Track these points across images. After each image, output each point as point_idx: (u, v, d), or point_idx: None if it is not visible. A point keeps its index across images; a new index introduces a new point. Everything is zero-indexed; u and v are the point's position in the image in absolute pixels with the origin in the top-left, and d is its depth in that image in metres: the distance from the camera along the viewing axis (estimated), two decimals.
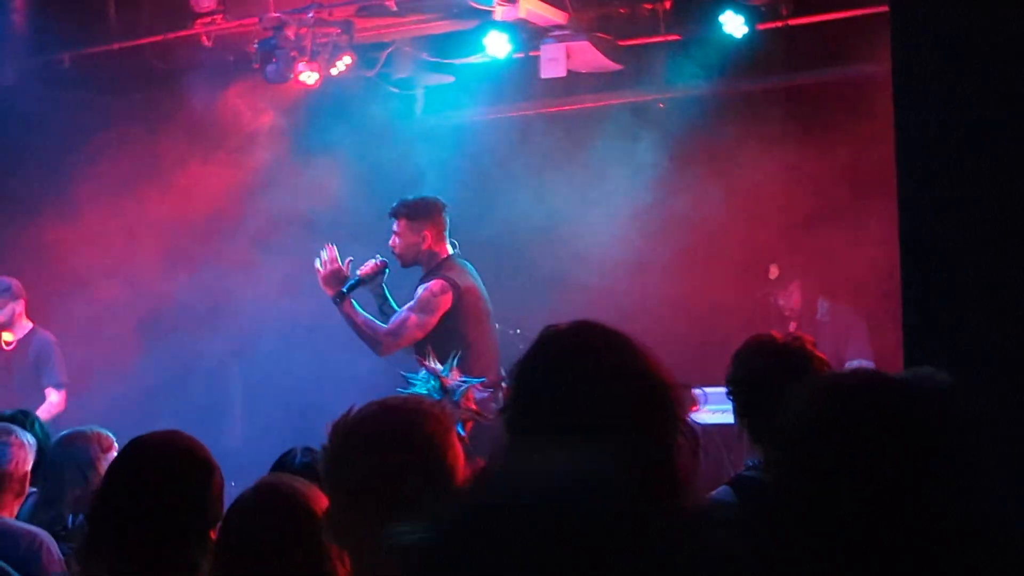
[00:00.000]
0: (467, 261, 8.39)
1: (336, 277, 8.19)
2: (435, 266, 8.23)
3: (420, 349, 7.29)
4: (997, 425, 3.64)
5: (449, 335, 7.88)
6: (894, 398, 2.38)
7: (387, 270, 8.31)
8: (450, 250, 8.30)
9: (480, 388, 5.40)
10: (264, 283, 10.38)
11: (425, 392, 5.24)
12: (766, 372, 4.16)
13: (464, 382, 5.36)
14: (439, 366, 5.36)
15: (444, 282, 8.09)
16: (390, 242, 8.33)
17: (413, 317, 8.06)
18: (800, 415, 2.43)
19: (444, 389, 5.25)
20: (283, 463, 4.44)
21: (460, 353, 5.92)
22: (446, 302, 8.08)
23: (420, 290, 8.15)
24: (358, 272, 8.25)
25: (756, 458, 4.12)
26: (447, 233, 8.32)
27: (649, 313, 9.62)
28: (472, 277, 8.30)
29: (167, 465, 3.50)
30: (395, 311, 8.24)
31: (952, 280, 3.95)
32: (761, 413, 4.03)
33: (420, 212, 8.27)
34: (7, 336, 9.54)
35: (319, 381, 9.74)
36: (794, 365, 4.11)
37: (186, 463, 3.50)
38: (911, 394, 2.40)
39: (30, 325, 9.61)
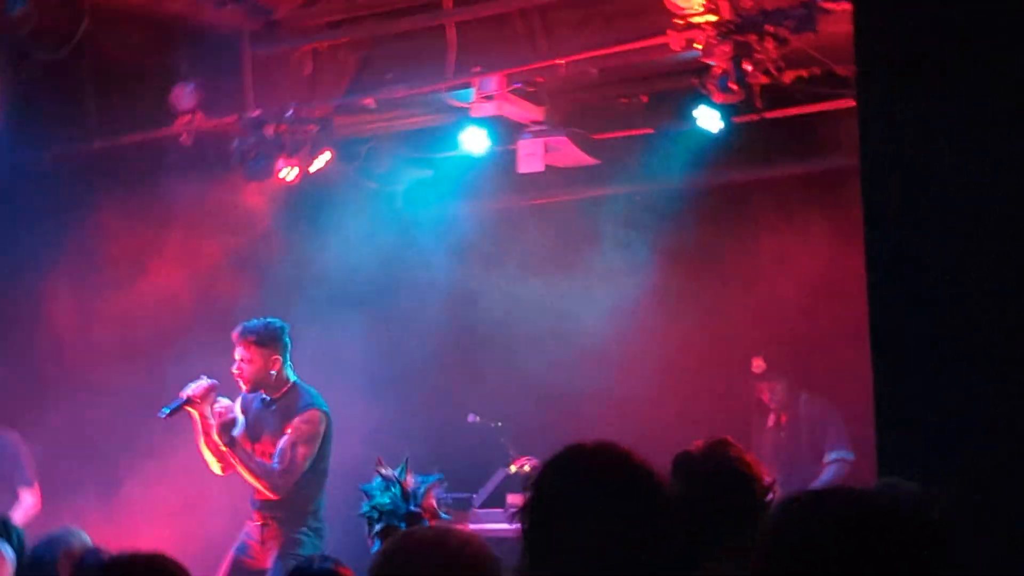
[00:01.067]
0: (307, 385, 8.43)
1: (229, 424, 8.06)
2: (288, 391, 8.29)
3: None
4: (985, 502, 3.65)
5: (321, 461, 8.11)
6: (862, 517, 2.38)
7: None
8: (291, 376, 8.36)
9: (438, 485, 5.34)
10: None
11: (388, 500, 5.16)
12: (693, 487, 4.07)
13: (422, 481, 5.29)
14: (393, 472, 5.28)
15: (319, 412, 8.17)
16: (235, 368, 8.32)
17: (301, 449, 8.09)
18: (770, 537, 2.43)
19: (406, 494, 5.18)
20: (301, 572, 4.31)
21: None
22: (322, 431, 8.18)
23: (296, 420, 8.13)
24: (187, 393, 8.09)
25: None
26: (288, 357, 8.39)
27: (627, 405, 9.65)
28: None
29: None
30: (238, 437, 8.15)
31: (924, 369, 3.96)
32: (693, 528, 3.97)
33: (271, 337, 8.32)
34: None
35: None
36: (726, 475, 4.07)
37: None
38: (878, 511, 2.39)
39: None
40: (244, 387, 8.34)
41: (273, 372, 8.29)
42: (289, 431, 8.12)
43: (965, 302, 3.85)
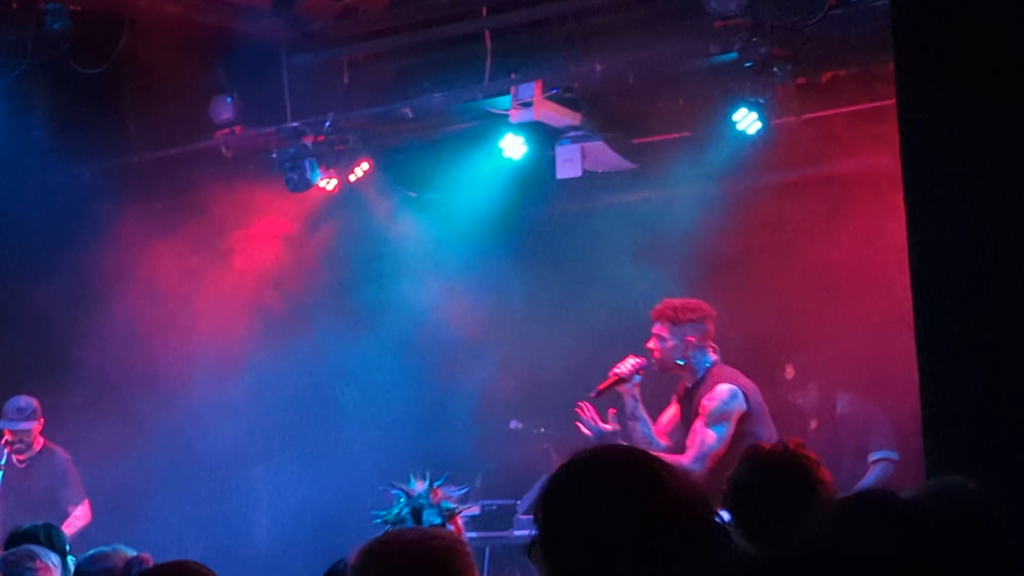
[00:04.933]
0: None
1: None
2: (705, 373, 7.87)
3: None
4: None
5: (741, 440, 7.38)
6: (907, 523, 2.36)
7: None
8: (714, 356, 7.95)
9: (455, 489, 5.32)
10: (287, 389, 10.45)
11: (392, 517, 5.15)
12: (761, 486, 4.14)
13: (426, 489, 5.26)
14: (420, 487, 5.25)
15: (732, 387, 7.71)
16: (648, 343, 7.97)
17: (711, 434, 7.56)
18: (813, 540, 2.42)
19: (431, 508, 5.15)
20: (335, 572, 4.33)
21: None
22: (739, 408, 7.70)
23: (705, 401, 7.69)
24: (619, 371, 7.85)
25: None
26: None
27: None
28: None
29: None
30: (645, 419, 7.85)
31: (971, 368, 3.94)
32: (755, 518, 4.01)
33: (682, 315, 7.93)
34: (21, 456, 9.58)
35: (339, 486, 9.74)
36: (791, 478, 4.11)
37: None
38: (925, 517, 2.38)
39: (43, 442, 9.66)
40: (656, 367, 7.95)
41: (686, 351, 7.87)
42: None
43: (1012, 297, 3.83)
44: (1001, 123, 3.91)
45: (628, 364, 7.91)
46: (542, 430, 10.07)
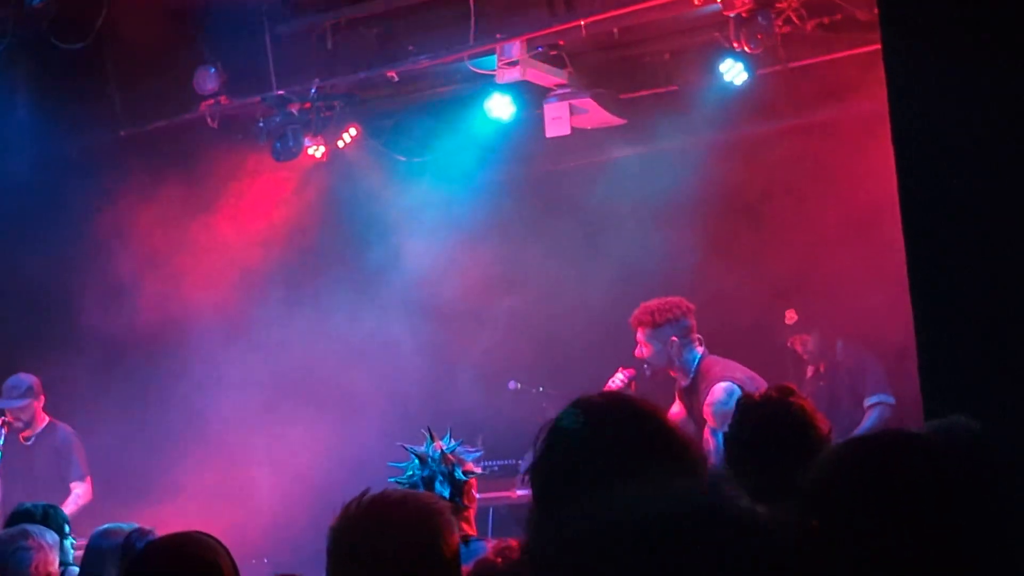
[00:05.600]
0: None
1: None
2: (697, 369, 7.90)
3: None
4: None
5: None
6: (916, 459, 2.38)
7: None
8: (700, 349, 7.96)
9: (471, 450, 5.34)
10: (281, 357, 10.46)
11: (405, 480, 5.18)
12: (755, 431, 4.15)
13: (463, 453, 5.28)
14: (443, 444, 5.28)
15: (727, 384, 7.66)
16: (636, 352, 8.02)
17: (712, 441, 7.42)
18: (823, 481, 2.43)
19: (446, 463, 5.18)
20: None
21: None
22: None
23: (706, 407, 7.67)
24: (610, 385, 7.87)
25: None
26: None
27: None
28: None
29: (178, 571, 3.64)
30: None
31: (963, 300, 3.94)
32: (752, 471, 4.02)
33: (660, 317, 7.96)
34: (26, 433, 9.59)
35: (346, 450, 9.75)
36: (786, 425, 4.10)
37: (196, 569, 3.62)
38: (934, 453, 2.39)
39: (47, 419, 9.66)
40: (646, 371, 8.01)
41: (672, 352, 7.94)
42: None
43: (1003, 238, 3.83)
44: (983, 66, 3.91)
45: (618, 378, 8.02)
46: (540, 389, 10.09)
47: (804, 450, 3.87)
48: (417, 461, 5.22)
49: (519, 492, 9.22)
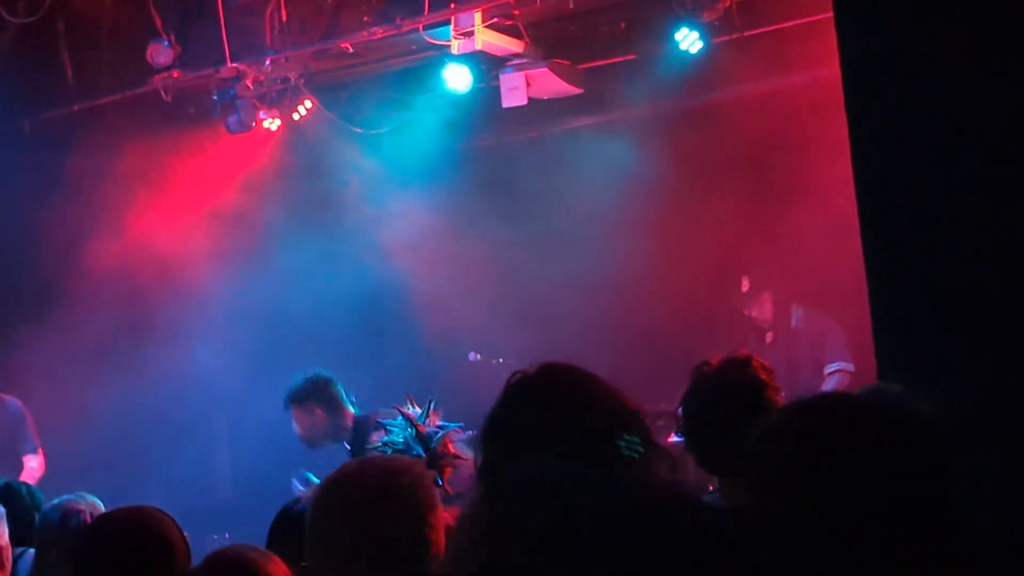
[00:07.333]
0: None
1: None
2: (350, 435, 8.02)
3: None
4: (975, 422, 3.64)
5: None
6: (860, 420, 2.38)
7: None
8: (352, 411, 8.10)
9: (458, 431, 5.33)
10: (238, 329, 10.44)
11: (401, 440, 5.16)
12: (712, 400, 4.11)
13: (441, 427, 5.28)
14: (417, 411, 5.28)
15: None
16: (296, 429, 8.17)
17: None
18: (769, 445, 2.44)
19: (420, 436, 5.18)
20: (287, 511, 4.35)
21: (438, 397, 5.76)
22: None
23: None
24: None
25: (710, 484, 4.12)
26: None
27: (623, 332, 9.66)
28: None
29: (128, 545, 3.65)
30: None
31: (918, 279, 3.95)
32: (708, 440, 4.01)
33: (307, 395, 8.13)
34: None
35: None
36: (741, 392, 4.07)
37: (147, 543, 3.63)
38: (875, 414, 2.40)
39: None
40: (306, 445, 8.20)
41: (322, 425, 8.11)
42: None
43: (956, 205, 3.84)
44: (937, 33, 3.91)
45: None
46: (500, 360, 10.08)
47: (756, 418, 3.86)
48: (408, 423, 5.23)
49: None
